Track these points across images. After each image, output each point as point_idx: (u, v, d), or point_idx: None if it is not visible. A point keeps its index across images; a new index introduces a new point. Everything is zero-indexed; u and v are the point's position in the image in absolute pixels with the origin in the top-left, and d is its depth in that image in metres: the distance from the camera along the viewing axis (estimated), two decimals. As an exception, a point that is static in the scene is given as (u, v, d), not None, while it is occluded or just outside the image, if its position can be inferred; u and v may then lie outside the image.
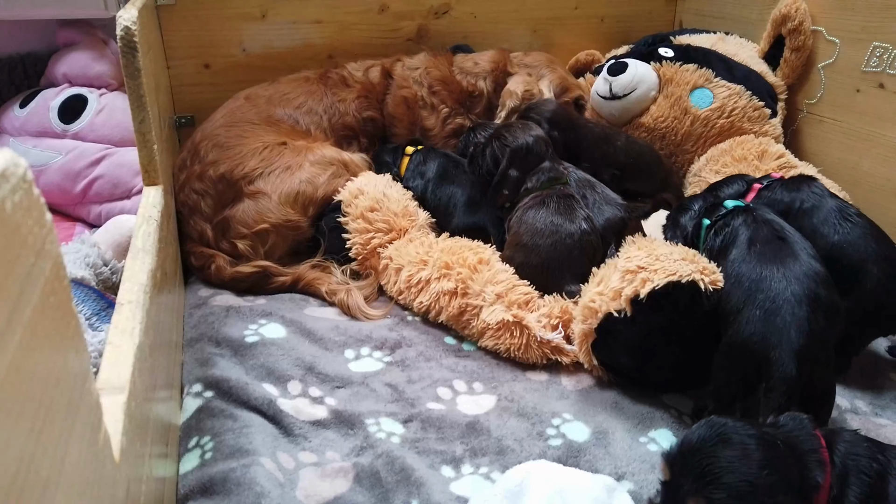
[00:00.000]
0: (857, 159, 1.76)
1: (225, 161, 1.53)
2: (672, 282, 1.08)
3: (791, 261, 1.06)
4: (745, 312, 1.02)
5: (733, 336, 1.03)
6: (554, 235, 1.35)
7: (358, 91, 1.79)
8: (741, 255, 1.12)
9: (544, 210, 1.39)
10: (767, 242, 1.11)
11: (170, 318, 1.16)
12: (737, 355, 1.02)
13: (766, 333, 0.99)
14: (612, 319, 1.13)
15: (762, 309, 1.01)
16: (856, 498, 0.78)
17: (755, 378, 0.99)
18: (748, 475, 0.75)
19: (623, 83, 1.84)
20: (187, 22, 1.87)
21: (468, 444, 1.06)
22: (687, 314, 1.10)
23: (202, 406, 1.08)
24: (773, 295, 1.02)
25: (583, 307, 1.20)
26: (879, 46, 1.69)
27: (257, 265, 1.46)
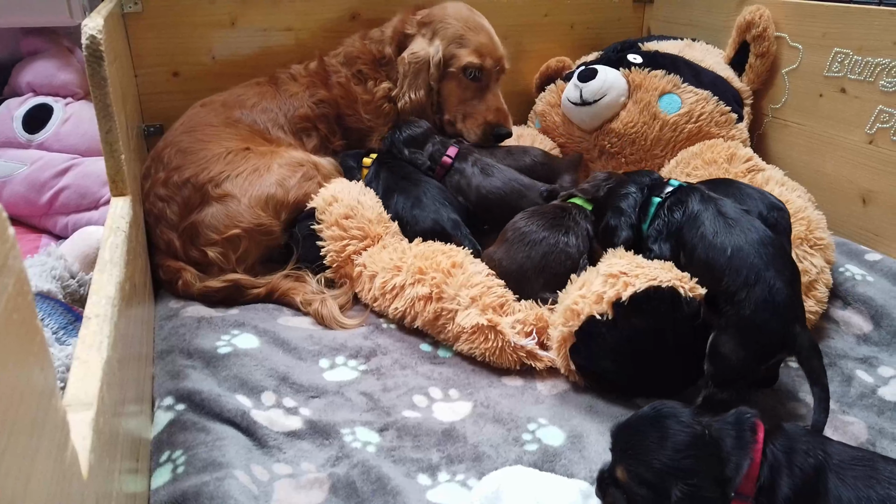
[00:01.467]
0: (821, 162, 1.81)
1: (189, 165, 1.50)
2: (653, 286, 1.11)
3: (753, 231, 1.13)
4: (756, 290, 1.06)
5: (746, 315, 1.06)
6: (535, 244, 1.37)
7: (307, 83, 1.79)
8: (717, 229, 1.14)
9: (537, 217, 1.42)
10: (726, 216, 1.16)
11: (139, 330, 1.15)
12: (754, 332, 1.06)
13: (778, 307, 1.05)
14: (594, 322, 1.15)
15: (766, 284, 1.06)
16: (788, 489, 0.81)
17: (772, 351, 1.07)
18: (666, 456, 0.84)
19: (593, 89, 1.86)
20: (155, 29, 1.85)
21: (444, 452, 1.06)
22: (667, 318, 1.12)
23: (174, 419, 1.06)
24: (764, 266, 1.08)
25: (564, 309, 1.21)
26: (840, 52, 1.73)
27: (228, 279, 1.43)
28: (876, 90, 1.64)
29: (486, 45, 1.71)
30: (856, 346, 1.36)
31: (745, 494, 0.82)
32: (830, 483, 0.82)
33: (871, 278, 1.49)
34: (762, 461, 0.83)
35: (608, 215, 1.32)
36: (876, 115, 1.65)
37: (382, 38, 1.83)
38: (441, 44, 1.70)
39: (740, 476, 0.82)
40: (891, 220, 1.64)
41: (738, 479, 0.82)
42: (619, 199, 1.31)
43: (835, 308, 1.45)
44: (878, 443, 1.10)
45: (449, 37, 1.71)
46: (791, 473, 0.82)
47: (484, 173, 1.63)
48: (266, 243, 1.51)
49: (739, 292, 1.08)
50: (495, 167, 1.65)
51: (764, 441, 0.85)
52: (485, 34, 1.72)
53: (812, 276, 1.38)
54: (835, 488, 0.81)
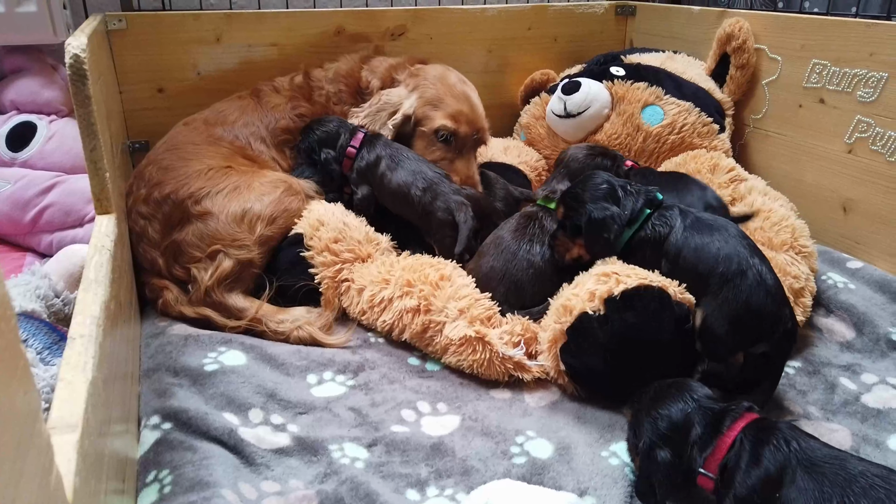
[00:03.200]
0: (802, 171, 1.83)
1: (169, 182, 1.50)
2: (644, 284, 1.16)
3: (731, 227, 1.22)
4: (748, 275, 1.14)
5: (743, 299, 1.13)
6: (506, 254, 1.41)
7: (289, 96, 1.80)
8: (700, 231, 1.20)
9: (511, 226, 1.46)
10: (704, 222, 1.23)
11: (125, 349, 1.14)
12: (746, 317, 1.13)
13: (770, 289, 1.13)
14: (586, 318, 1.17)
15: (756, 269, 1.14)
16: (749, 475, 0.91)
17: (759, 336, 1.14)
18: (663, 424, 1.00)
19: (577, 101, 1.88)
20: (140, 46, 1.85)
21: (433, 466, 1.06)
22: (657, 317, 1.15)
23: (160, 438, 1.05)
24: (749, 254, 1.16)
25: (557, 307, 1.23)
26: (819, 63, 1.76)
27: (199, 312, 1.41)
28: (854, 100, 1.67)
29: (464, 112, 1.69)
30: (839, 354, 1.38)
31: (709, 472, 0.95)
32: (797, 476, 0.87)
33: (852, 286, 1.51)
34: (730, 447, 0.94)
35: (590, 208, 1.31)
36: (854, 124, 1.68)
37: (377, 70, 1.83)
38: (417, 101, 1.70)
39: (703, 456, 0.95)
40: (871, 228, 1.66)
41: (702, 459, 0.95)
42: (596, 191, 1.31)
43: (818, 316, 1.46)
44: (861, 449, 1.11)
45: (427, 97, 1.70)
46: (756, 462, 0.91)
47: (392, 162, 1.60)
48: (249, 264, 1.46)
49: (735, 278, 1.14)
50: (405, 159, 1.61)
51: (741, 430, 0.95)
52: (466, 103, 1.71)
53: (801, 282, 1.40)
54: (800, 481, 0.87)
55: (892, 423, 1.18)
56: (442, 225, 1.52)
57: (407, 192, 1.55)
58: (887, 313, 1.43)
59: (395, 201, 1.59)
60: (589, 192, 1.30)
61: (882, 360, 1.34)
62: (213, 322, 1.41)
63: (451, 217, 1.50)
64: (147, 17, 1.87)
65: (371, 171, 1.61)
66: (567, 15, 2.35)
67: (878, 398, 1.24)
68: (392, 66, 1.82)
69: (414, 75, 1.76)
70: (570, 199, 1.33)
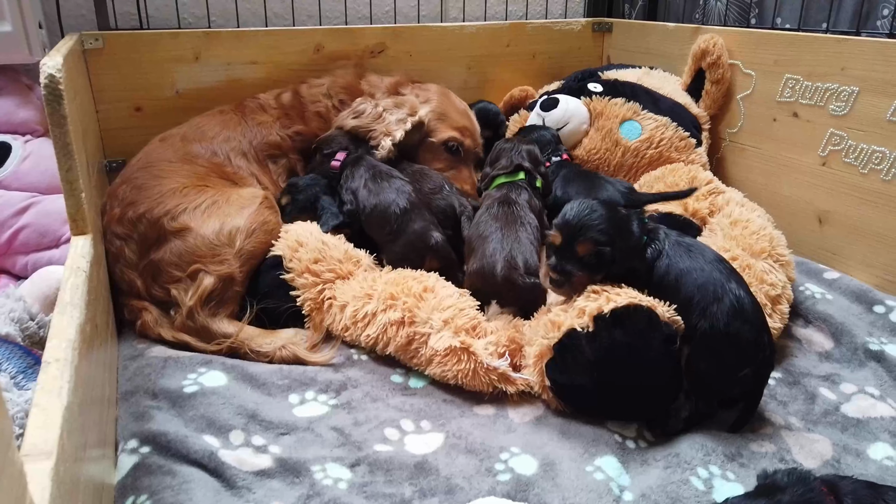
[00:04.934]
0: (778, 184, 1.86)
1: (143, 201, 1.47)
2: (633, 303, 1.15)
3: (707, 251, 1.22)
4: (724, 301, 1.13)
5: (720, 328, 1.12)
6: (506, 240, 1.42)
7: (277, 114, 1.81)
8: (679, 255, 1.20)
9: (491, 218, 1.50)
10: (683, 246, 1.23)
11: (102, 372, 1.12)
12: (729, 342, 1.13)
13: (748, 315, 1.13)
14: (574, 335, 1.17)
15: (732, 294, 1.14)
16: None
17: (747, 358, 1.14)
18: None
19: (555, 118, 1.89)
20: (117, 65, 1.84)
21: (417, 486, 1.05)
22: (645, 336, 1.15)
23: (138, 463, 1.03)
24: (725, 279, 1.16)
25: (545, 322, 1.23)
26: (791, 78, 1.79)
27: (177, 338, 1.39)
28: (826, 114, 1.71)
29: (468, 127, 1.86)
30: (818, 364, 1.39)
31: None
32: None
33: (830, 296, 1.52)
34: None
35: None
36: (827, 138, 1.71)
37: (380, 85, 1.90)
38: (430, 112, 1.82)
39: None
40: (846, 239, 1.69)
41: None
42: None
43: (797, 326, 1.48)
44: (842, 459, 1.12)
45: (436, 111, 1.83)
46: None
47: (374, 184, 1.60)
48: (230, 280, 1.44)
49: (710, 307, 1.13)
50: (390, 180, 1.61)
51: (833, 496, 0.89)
52: (469, 120, 1.88)
53: (778, 290, 1.41)
54: None
55: (871, 432, 1.19)
56: (408, 244, 1.52)
57: (385, 210, 1.55)
58: (864, 323, 1.45)
59: (371, 221, 1.58)
60: (620, 227, 1.20)
61: (860, 369, 1.36)
62: (191, 347, 1.38)
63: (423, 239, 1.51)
64: (124, 35, 1.86)
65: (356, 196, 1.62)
66: (545, 32, 2.38)
67: (858, 408, 1.25)
68: (397, 81, 1.91)
69: (420, 89, 1.89)
70: (598, 234, 1.18)
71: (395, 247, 1.53)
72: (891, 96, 1.55)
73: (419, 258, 1.49)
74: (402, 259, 1.50)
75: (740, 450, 1.13)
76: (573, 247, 1.19)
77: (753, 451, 1.13)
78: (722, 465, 1.09)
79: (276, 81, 1.98)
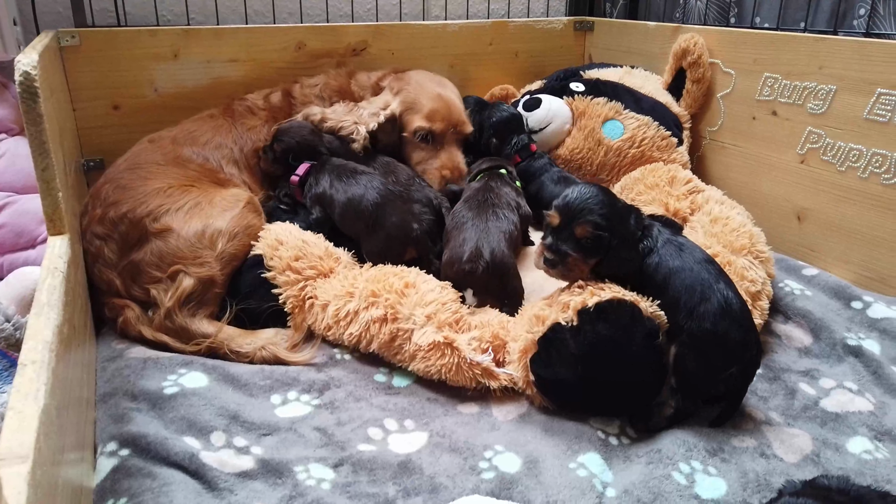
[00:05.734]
0: (757, 182, 1.88)
1: (126, 201, 1.45)
2: (617, 298, 1.16)
3: (697, 251, 1.23)
4: (712, 301, 1.14)
5: (707, 327, 1.13)
6: (477, 231, 1.45)
7: (265, 117, 1.80)
8: (670, 255, 1.21)
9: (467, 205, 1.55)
10: (673, 244, 1.23)
11: (80, 373, 1.10)
12: (717, 342, 1.13)
13: (735, 315, 1.14)
14: (559, 329, 1.17)
15: (720, 295, 1.15)
16: None
17: (735, 358, 1.15)
18: None
19: (538, 118, 1.90)
20: (94, 63, 1.82)
21: (401, 485, 1.05)
22: (628, 330, 1.15)
23: (118, 465, 1.02)
24: (714, 279, 1.17)
25: (530, 316, 1.23)
26: (770, 77, 1.81)
27: (156, 338, 1.37)
28: (805, 112, 1.73)
29: (438, 110, 1.80)
30: (798, 360, 1.40)
31: None
32: None
33: (809, 293, 1.54)
34: None
35: None
36: (806, 136, 1.73)
37: (367, 84, 1.90)
38: (401, 105, 1.81)
39: None
40: (824, 235, 1.71)
41: None
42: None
43: (777, 322, 1.50)
44: (822, 453, 1.14)
45: (406, 101, 1.82)
46: None
47: (340, 182, 1.59)
48: (210, 282, 1.43)
49: (698, 307, 1.14)
50: (356, 175, 1.60)
51: None
52: (440, 102, 1.82)
53: (758, 286, 1.43)
54: None
55: (850, 426, 1.21)
56: (389, 238, 1.51)
57: (358, 205, 1.54)
58: (842, 318, 1.47)
59: (346, 218, 1.57)
60: (618, 216, 1.21)
61: (839, 364, 1.37)
62: (170, 347, 1.37)
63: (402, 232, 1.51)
64: (101, 32, 1.83)
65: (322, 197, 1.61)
66: (527, 31, 2.38)
67: (837, 402, 1.27)
68: (379, 76, 1.91)
69: (396, 80, 1.87)
70: (598, 218, 1.18)
71: (375, 240, 1.52)
72: (867, 94, 1.57)
73: (400, 250, 1.50)
74: (383, 251, 1.50)
75: (721, 445, 1.14)
76: (571, 228, 1.19)
77: (735, 447, 1.14)
78: (703, 460, 1.10)
79: (257, 79, 1.96)
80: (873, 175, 1.58)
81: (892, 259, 1.56)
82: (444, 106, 1.82)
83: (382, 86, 1.88)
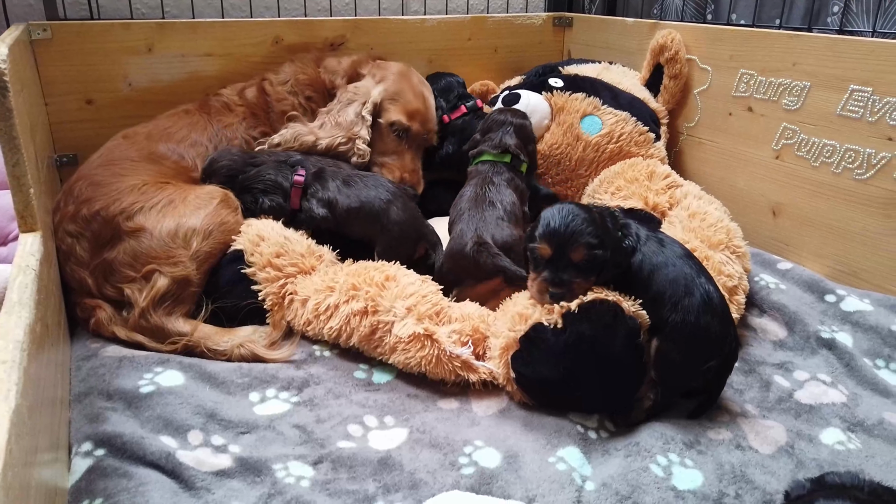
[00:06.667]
0: (734, 177, 1.90)
1: (99, 198, 1.43)
2: (599, 297, 1.17)
3: (677, 246, 1.24)
4: (695, 296, 1.16)
5: (691, 321, 1.15)
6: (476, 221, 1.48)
7: (243, 113, 1.77)
8: (656, 252, 1.22)
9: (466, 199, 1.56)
10: (654, 240, 1.24)
11: (53, 373, 1.08)
12: (698, 335, 1.15)
13: (716, 309, 1.16)
14: (541, 328, 1.18)
15: (702, 289, 1.17)
16: None
17: (715, 351, 1.17)
18: None
19: (517, 112, 1.89)
20: (67, 56, 1.78)
21: (381, 481, 1.05)
22: (610, 330, 1.16)
23: (93, 466, 1.00)
24: (695, 274, 1.19)
25: (513, 315, 1.24)
26: (746, 73, 1.83)
27: (131, 337, 1.35)
28: (780, 108, 1.75)
29: (420, 111, 1.79)
30: (772, 352, 1.42)
31: None
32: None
33: (783, 286, 1.56)
34: None
35: None
36: (781, 131, 1.75)
37: (338, 69, 1.85)
38: (382, 92, 1.77)
39: None
40: (799, 230, 1.74)
41: None
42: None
43: (752, 316, 1.51)
44: (796, 445, 1.15)
45: (390, 90, 1.78)
46: None
47: (348, 188, 1.59)
48: (187, 286, 1.41)
49: (683, 300, 1.16)
50: (363, 178, 1.62)
51: None
52: (423, 103, 1.82)
53: (735, 280, 1.44)
54: None
55: (823, 417, 1.23)
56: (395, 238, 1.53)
57: (372, 207, 1.55)
58: (816, 312, 1.49)
59: (358, 221, 1.57)
60: (603, 227, 1.20)
61: (812, 357, 1.40)
62: (145, 347, 1.35)
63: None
64: (73, 25, 1.80)
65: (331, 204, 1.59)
66: (506, 26, 2.38)
67: (810, 394, 1.29)
68: (355, 61, 1.86)
69: (379, 68, 1.83)
70: (590, 238, 1.17)
71: (387, 238, 1.53)
72: (840, 91, 1.60)
73: (412, 246, 1.53)
74: (396, 248, 1.52)
75: (698, 437, 1.16)
76: (567, 255, 1.17)
77: (711, 439, 1.16)
78: (681, 452, 1.11)
79: (234, 74, 1.94)
80: (846, 170, 1.61)
81: (865, 253, 1.59)
82: (425, 108, 1.82)
83: (362, 73, 1.84)
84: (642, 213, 1.69)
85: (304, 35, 2.05)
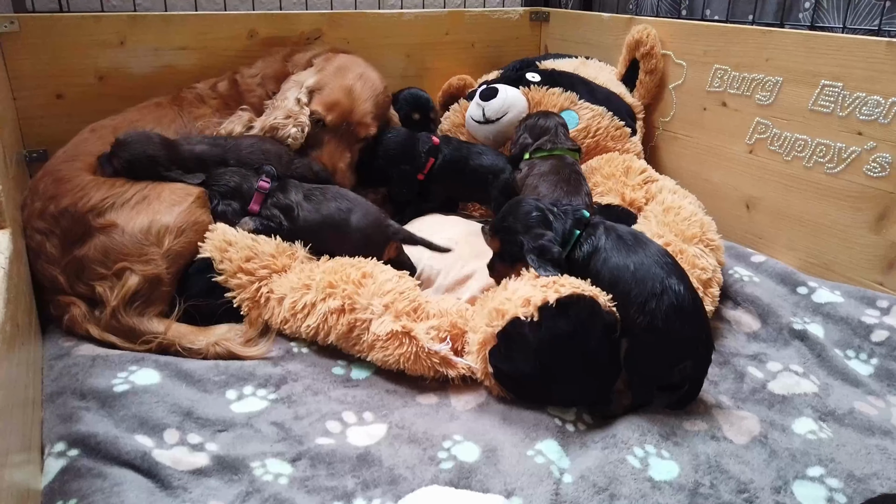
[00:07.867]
0: (709, 171, 1.92)
1: (66, 194, 1.40)
2: (576, 293, 1.17)
3: (650, 246, 1.24)
4: (664, 298, 1.15)
5: (658, 325, 1.14)
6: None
7: (217, 105, 1.76)
8: (619, 250, 1.22)
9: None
10: (625, 240, 1.24)
11: (25, 373, 1.07)
12: (662, 340, 1.15)
13: (686, 312, 1.15)
14: (518, 323, 1.18)
15: (672, 290, 1.15)
16: None
17: (685, 354, 1.17)
18: None
19: (495, 108, 1.90)
20: (35, 50, 1.75)
21: (360, 477, 1.05)
22: (587, 325, 1.17)
23: (66, 466, 0.99)
24: (666, 275, 1.17)
25: (490, 310, 1.23)
26: (720, 68, 1.85)
27: (103, 338, 1.33)
28: (753, 103, 1.77)
29: (339, 102, 1.72)
30: (746, 344, 1.45)
31: None
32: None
33: (757, 279, 1.59)
34: None
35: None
36: (754, 126, 1.77)
37: (299, 62, 1.85)
38: (314, 82, 1.75)
39: None
40: (772, 223, 1.76)
41: None
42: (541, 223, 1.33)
43: (726, 308, 1.53)
44: (769, 434, 1.17)
45: (319, 83, 1.74)
46: None
47: (309, 202, 1.55)
48: (157, 280, 1.39)
49: (649, 302, 1.15)
50: (324, 192, 1.57)
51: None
52: (346, 95, 1.73)
53: (709, 273, 1.46)
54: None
55: (796, 408, 1.25)
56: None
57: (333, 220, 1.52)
58: (789, 304, 1.52)
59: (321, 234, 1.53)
60: (521, 222, 1.29)
61: (785, 348, 1.42)
62: (119, 347, 1.33)
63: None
64: (42, 18, 1.76)
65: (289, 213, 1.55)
66: (483, 21, 2.38)
67: (783, 385, 1.31)
68: (314, 54, 1.85)
69: (326, 60, 1.81)
70: (504, 233, 1.31)
71: (351, 247, 1.49)
72: (812, 86, 1.62)
73: (381, 249, 1.49)
74: (365, 255, 1.47)
75: (674, 429, 1.17)
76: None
77: (686, 430, 1.17)
78: (657, 444, 1.13)
79: (208, 68, 1.92)
80: (817, 164, 1.63)
81: (835, 246, 1.62)
82: (348, 100, 1.73)
83: (314, 63, 1.82)
84: (619, 209, 1.70)
85: (279, 28, 2.03)
